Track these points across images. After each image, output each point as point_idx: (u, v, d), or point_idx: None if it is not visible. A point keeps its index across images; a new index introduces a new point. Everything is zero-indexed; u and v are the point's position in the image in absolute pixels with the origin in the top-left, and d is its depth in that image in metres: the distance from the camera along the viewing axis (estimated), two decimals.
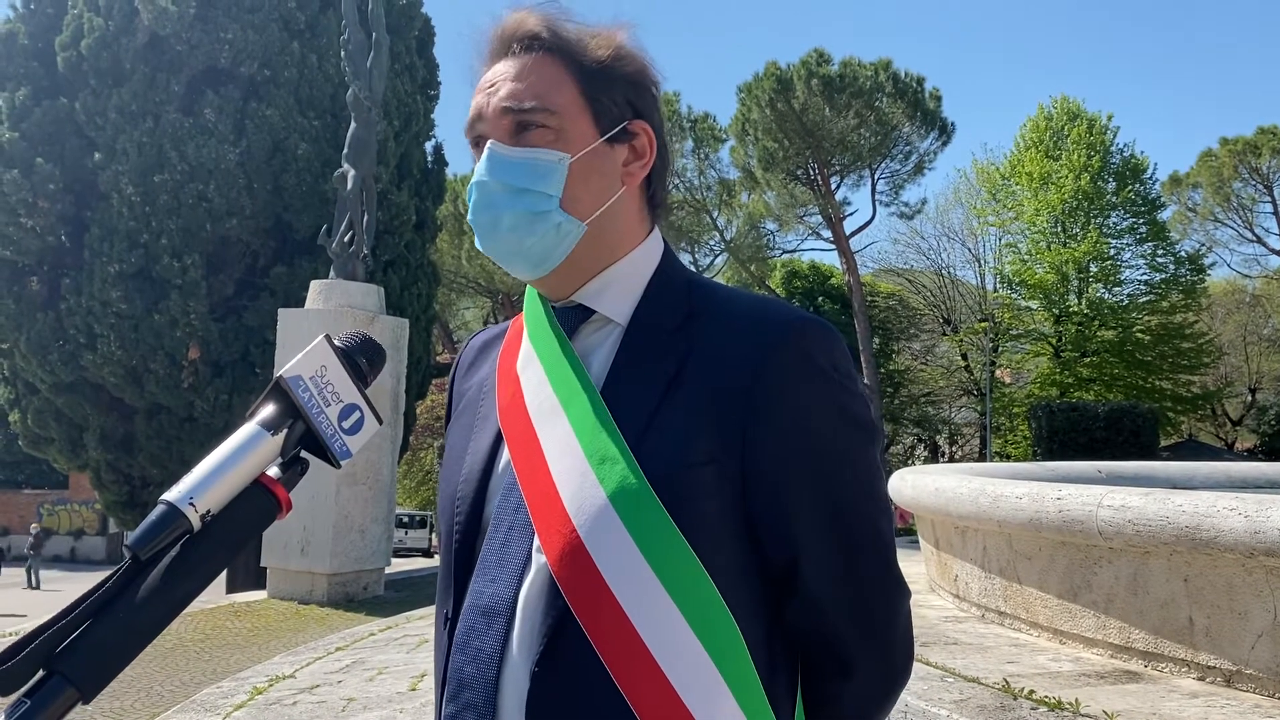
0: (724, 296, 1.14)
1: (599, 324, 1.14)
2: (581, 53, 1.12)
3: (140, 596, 0.79)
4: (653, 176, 1.17)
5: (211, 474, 0.84)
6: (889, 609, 1.12)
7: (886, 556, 1.11)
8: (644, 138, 1.15)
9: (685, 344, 1.08)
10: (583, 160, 1.10)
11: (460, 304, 43.88)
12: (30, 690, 0.75)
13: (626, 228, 1.16)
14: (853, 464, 1.09)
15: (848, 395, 1.09)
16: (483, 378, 1.24)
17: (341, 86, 15.18)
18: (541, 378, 1.12)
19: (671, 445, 1.03)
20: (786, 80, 33.01)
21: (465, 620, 1.08)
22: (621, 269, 1.14)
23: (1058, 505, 4.87)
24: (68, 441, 18.68)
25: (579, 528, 1.02)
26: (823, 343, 1.08)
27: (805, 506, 1.05)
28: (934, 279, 42.45)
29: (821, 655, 1.10)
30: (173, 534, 0.81)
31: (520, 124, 1.10)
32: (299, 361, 0.92)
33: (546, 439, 1.08)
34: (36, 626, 0.77)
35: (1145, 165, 35.86)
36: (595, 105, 1.12)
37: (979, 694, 4.21)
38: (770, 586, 1.07)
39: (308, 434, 0.91)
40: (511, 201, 1.09)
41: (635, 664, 0.99)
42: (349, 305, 11.76)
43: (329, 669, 6.51)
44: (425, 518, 38.75)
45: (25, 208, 17.11)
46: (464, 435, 1.20)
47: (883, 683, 1.12)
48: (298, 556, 10.90)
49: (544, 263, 1.11)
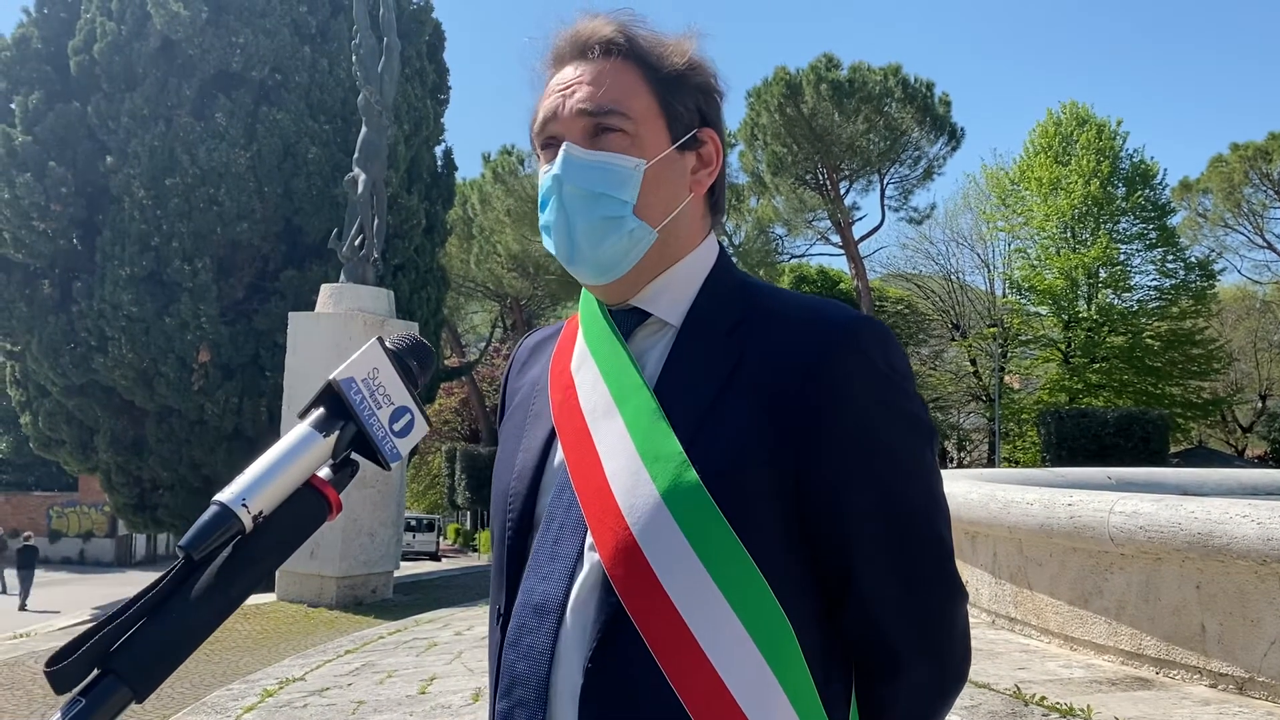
0: (778, 298, 1.14)
1: (655, 327, 1.14)
2: (657, 60, 1.13)
3: (193, 596, 0.80)
4: (715, 184, 1.18)
5: (264, 475, 0.85)
6: (946, 612, 1.11)
7: (943, 558, 1.10)
8: (711, 146, 1.16)
9: (739, 345, 1.08)
10: (656, 167, 1.10)
11: (469, 308, 43.92)
12: (85, 689, 0.76)
13: (688, 232, 1.16)
14: (910, 465, 1.08)
15: (905, 396, 1.09)
16: (535, 377, 1.24)
17: (352, 91, 15.24)
18: (596, 378, 1.12)
19: (725, 445, 1.03)
20: (795, 85, 33.04)
21: (517, 617, 1.09)
22: (678, 273, 1.15)
23: (1069, 511, 4.86)
24: (78, 444, 18.76)
25: (632, 526, 1.02)
26: (879, 343, 1.08)
27: (861, 508, 1.05)
28: (943, 284, 42.37)
29: (876, 657, 1.09)
30: (225, 535, 0.82)
31: (597, 127, 1.10)
32: (352, 363, 0.93)
33: (600, 438, 1.08)
34: (91, 626, 0.78)
35: (1155, 171, 35.80)
36: (669, 112, 1.12)
37: (990, 700, 4.21)
38: (826, 590, 1.07)
39: (358, 436, 0.92)
40: (587, 207, 1.09)
41: (689, 662, 1.00)
42: (359, 309, 11.80)
43: (339, 672, 6.53)
44: (434, 521, 38.77)
45: (38, 211, 17.21)
46: (516, 433, 1.20)
47: (939, 686, 1.11)
48: (307, 560, 10.92)
49: (614, 269, 1.11)
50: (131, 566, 37.69)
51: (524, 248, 32.71)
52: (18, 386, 19.41)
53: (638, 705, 1.00)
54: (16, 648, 9.61)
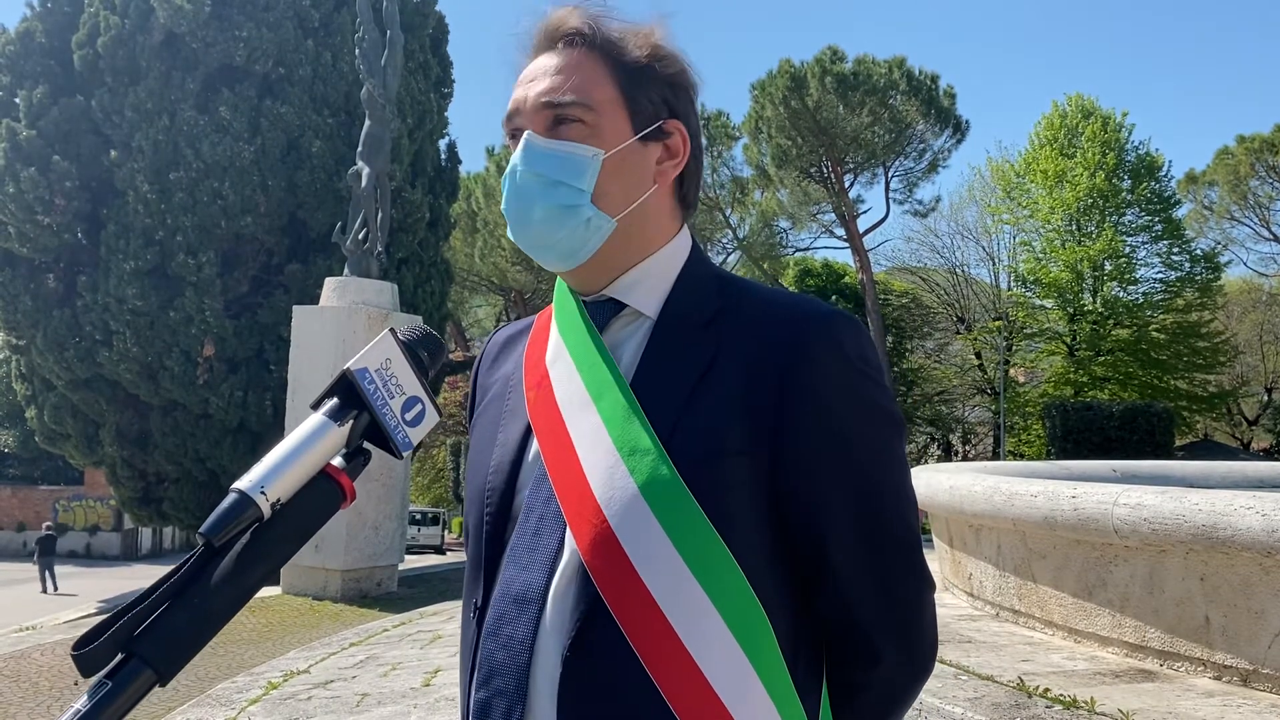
0: (754, 292, 1.16)
1: (630, 318, 1.15)
2: (622, 51, 1.14)
3: (214, 582, 0.82)
4: (685, 175, 1.19)
5: (281, 463, 0.86)
6: (915, 599, 1.13)
7: (912, 547, 1.12)
8: (678, 137, 1.17)
9: (716, 338, 1.10)
10: (616, 157, 1.12)
11: (473, 302, 43.94)
12: (111, 671, 0.78)
13: (657, 225, 1.17)
14: (880, 455, 1.10)
15: (876, 388, 1.11)
16: (508, 372, 1.25)
17: (356, 84, 15.26)
18: (571, 370, 1.13)
19: (702, 436, 1.05)
20: (800, 78, 32.97)
21: (496, 608, 1.09)
22: (652, 265, 1.16)
23: (1073, 504, 4.86)
24: (84, 438, 18.81)
25: (610, 518, 1.03)
26: (851, 336, 1.10)
27: (833, 497, 1.07)
28: (948, 277, 42.31)
29: (848, 643, 1.11)
30: (244, 522, 0.84)
31: (557, 118, 1.11)
32: (365, 354, 0.95)
33: (576, 431, 1.09)
34: (116, 611, 0.80)
35: (1161, 163, 35.70)
36: (632, 103, 1.14)
37: (993, 692, 4.22)
38: (798, 575, 1.09)
39: (371, 425, 0.94)
40: (544, 193, 1.11)
41: (666, 651, 1.01)
42: (363, 302, 11.81)
43: (343, 664, 6.55)
44: (438, 515, 38.85)
45: (42, 205, 17.23)
46: (490, 428, 1.21)
47: (908, 672, 1.14)
48: (311, 553, 10.94)
49: (573, 256, 1.13)
50: (138, 560, 37.79)
51: None
52: (23, 381, 19.46)
53: (615, 693, 1.02)
54: (22, 640, 9.65)
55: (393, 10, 13.35)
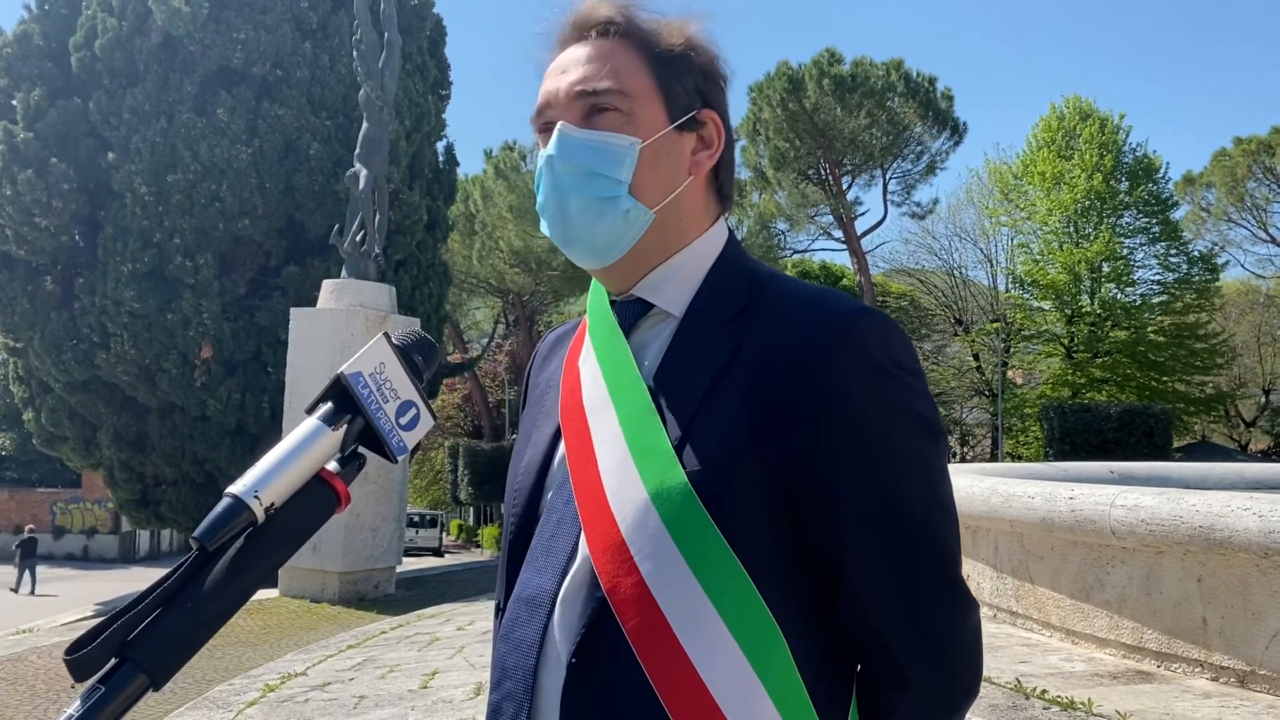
0: (783, 287, 1.11)
1: (658, 318, 1.13)
2: (655, 40, 1.12)
3: (207, 587, 0.82)
4: (720, 167, 1.16)
5: (275, 468, 0.86)
6: (949, 620, 1.06)
7: (947, 564, 1.06)
8: (712, 127, 1.14)
9: (738, 336, 1.06)
10: (653, 146, 1.09)
11: (471, 304, 43.89)
12: (104, 676, 0.78)
13: (692, 218, 1.14)
14: (910, 463, 1.04)
15: (908, 391, 1.05)
16: (551, 373, 1.24)
17: (353, 86, 15.23)
18: (596, 372, 1.12)
19: (714, 440, 1.01)
20: (798, 80, 33.03)
21: (510, 610, 1.09)
22: (682, 260, 1.13)
23: (1070, 505, 4.86)
24: (81, 440, 18.79)
25: (620, 523, 1.02)
26: (880, 336, 1.04)
27: (855, 508, 1.01)
28: (945, 279, 42.32)
29: (875, 664, 1.06)
30: (238, 526, 0.84)
31: (593, 107, 1.09)
32: (359, 358, 0.94)
33: (597, 433, 1.08)
34: (110, 615, 0.79)
35: (1158, 165, 35.70)
36: (667, 92, 1.11)
37: (991, 693, 4.22)
38: (819, 590, 1.04)
39: (366, 429, 0.93)
40: (581, 185, 1.08)
41: (670, 661, 0.98)
42: (361, 305, 11.82)
43: (340, 667, 6.55)
44: (436, 517, 38.83)
45: (40, 207, 17.22)
46: (528, 430, 1.21)
47: (943, 698, 1.07)
48: (309, 555, 10.94)
49: (610, 251, 1.10)
50: (135, 563, 37.73)
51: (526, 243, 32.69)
52: (20, 383, 19.43)
53: (618, 701, 1.00)
54: (19, 643, 9.63)
55: (390, 12, 13.36)
